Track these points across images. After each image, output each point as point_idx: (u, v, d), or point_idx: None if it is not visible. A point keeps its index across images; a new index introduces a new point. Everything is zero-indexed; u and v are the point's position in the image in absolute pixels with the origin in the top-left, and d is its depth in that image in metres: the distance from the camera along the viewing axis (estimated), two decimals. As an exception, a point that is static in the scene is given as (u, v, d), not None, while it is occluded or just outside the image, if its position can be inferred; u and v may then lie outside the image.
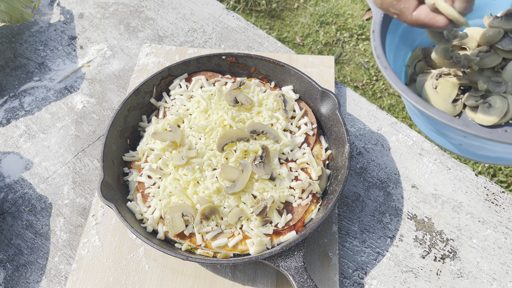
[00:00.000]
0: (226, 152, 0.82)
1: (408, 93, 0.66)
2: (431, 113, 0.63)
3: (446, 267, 0.80)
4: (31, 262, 0.82)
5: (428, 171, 0.91)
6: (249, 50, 1.12)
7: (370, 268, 0.80)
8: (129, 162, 0.86)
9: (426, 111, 0.63)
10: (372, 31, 0.73)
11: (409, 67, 0.85)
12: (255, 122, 0.85)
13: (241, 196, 0.78)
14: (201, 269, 0.79)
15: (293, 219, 0.78)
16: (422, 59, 0.86)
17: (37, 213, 0.88)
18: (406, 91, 0.66)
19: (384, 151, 0.94)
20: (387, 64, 0.69)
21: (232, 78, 0.96)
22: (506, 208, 0.86)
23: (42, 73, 1.09)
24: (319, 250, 0.80)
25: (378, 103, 2.07)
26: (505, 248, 0.82)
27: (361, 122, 0.98)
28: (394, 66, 0.79)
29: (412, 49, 0.87)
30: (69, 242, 0.84)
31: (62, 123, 1.00)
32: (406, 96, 0.66)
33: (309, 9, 2.45)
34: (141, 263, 0.80)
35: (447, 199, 0.87)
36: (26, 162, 0.95)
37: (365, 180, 0.90)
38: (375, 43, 0.71)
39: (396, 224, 0.85)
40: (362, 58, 2.23)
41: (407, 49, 0.86)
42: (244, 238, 0.76)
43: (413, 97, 0.65)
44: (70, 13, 1.21)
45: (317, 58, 1.06)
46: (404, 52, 0.85)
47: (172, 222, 0.76)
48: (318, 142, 0.88)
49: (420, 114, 0.73)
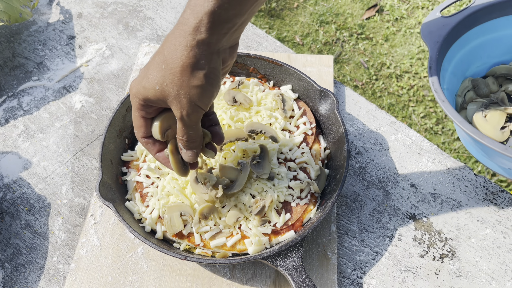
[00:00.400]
0: (224, 151, 0.82)
1: (465, 125, 0.76)
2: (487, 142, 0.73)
3: (445, 267, 0.80)
4: (30, 262, 0.82)
5: (427, 171, 0.91)
6: (248, 49, 1.12)
7: (368, 267, 0.80)
8: (128, 162, 0.86)
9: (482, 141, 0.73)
10: (429, 67, 0.82)
11: (459, 97, 0.97)
12: (254, 121, 0.85)
13: (240, 196, 0.78)
14: (200, 268, 0.79)
15: (291, 218, 0.78)
16: (471, 89, 0.97)
17: (35, 212, 0.88)
18: (463, 122, 0.77)
19: (383, 150, 0.94)
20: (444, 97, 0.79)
21: (230, 77, 0.96)
22: (505, 208, 0.86)
23: (40, 73, 1.09)
24: (318, 249, 0.80)
25: (378, 102, 2.07)
26: (504, 248, 0.81)
27: (360, 122, 0.98)
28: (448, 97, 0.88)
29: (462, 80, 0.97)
30: (67, 242, 0.84)
31: (61, 122, 1.00)
32: (463, 127, 0.76)
33: (308, 9, 2.45)
34: (139, 262, 0.80)
35: (446, 199, 0.87)
36: (25, 162, 0.95)
37: (364, 180, 0.90)
38: (433, 79, 0.81)
39: (395, 223, 0.85)
40: (362, 58, 2.23)
41: (458, 80, 0.96)
42: (243, 238, 0.76)
43: (469, 128, 0.75)
44: (69, 13, 1.21)
45: (316, 58, 1.06)
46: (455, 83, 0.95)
47: (170, 221, 0.75)
48: (317, 142, 0.88)
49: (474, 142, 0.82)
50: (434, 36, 0.87)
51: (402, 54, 2.23)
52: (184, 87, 0.56)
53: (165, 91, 0.57)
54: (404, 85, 2.11)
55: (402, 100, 2.07)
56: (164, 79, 0.56)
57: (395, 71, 2.17)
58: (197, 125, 0.62)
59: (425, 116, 2.00)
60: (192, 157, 0.65)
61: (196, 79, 0.56)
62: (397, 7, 2.43)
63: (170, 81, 0.56)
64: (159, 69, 0.56)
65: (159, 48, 0.58)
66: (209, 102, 0.60)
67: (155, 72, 0.57)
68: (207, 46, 0.55)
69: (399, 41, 2.28)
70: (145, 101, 0.60)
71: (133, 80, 0.61)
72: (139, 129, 0.65)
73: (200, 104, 0.58)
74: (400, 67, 2.18)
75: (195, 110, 0.59)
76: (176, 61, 0.55)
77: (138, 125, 0.65)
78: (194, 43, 0.54)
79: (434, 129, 1.96)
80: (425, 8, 2.41)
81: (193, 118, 0.60)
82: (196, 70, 0.55)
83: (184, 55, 0.54)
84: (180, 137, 0.63)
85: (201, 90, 0.57)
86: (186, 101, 0.57)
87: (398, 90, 2.10)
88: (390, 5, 2.44)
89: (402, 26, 2.34)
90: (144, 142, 0.67)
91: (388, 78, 2.15)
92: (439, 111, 2.01)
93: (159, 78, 0.56)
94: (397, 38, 2.29)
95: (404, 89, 2.10)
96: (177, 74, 0.55)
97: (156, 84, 0.57)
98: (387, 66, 2.19)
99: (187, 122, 0.60)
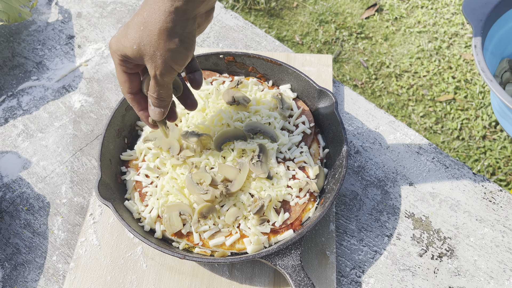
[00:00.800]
0: (223, 151, 0.82)
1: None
2: None
3: (444, 266, 0.80)
4: (29, 261, 0.83)
5: (426, 170, 0.91)
6: (247, 49, 1.12)
7: (367, 266, 0.80)
8: (127, 161, 0.86)
9: None
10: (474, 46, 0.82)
11: (497, 77, 0.96)
12: (253, 121, 0.85)
13: (239, 195, 0.78)
14: (199, 267, 0.79)
15: (290, 217, 0.78)
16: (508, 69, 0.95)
17: (35, 212, 0.88)
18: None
19: (382, 149, 0.94)
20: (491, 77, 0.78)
21: (229, 77, 0.96)
22: (503, 207, 0.86)
23: (40, 72, 1.09)
24: (317, 248, 0.80)
25: (377, 101, 2.07)
26: (503, 247, 0.82)
27: (359, 121, 0.98)
28: None
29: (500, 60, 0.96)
30: (67, 241, 0.84)
31: (60, 122, 1.00)
32: None
33: (308, 8, 2.45)
34: (138, 262, 0.80)
35: (445, 198, 0.87)
36: (24, 162, 0.95)
37: (362, 179, 0.90)
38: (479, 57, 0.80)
39: (394, 222, 0.85)
40: (361, 57, 2.23)
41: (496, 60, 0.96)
42: (242, 237, 0.76)
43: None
44: (68, 12, 1.21)
45: (315, 57, 1.06)
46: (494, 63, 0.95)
47: (169, 221, 0.76)
48: (316, 141, 0.88)
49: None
50: (477, 14, 0.86)
51: (402, 53, 2.23)
52: (160, 49, 0.60)
53: (142, 51, 0.61)
54: (403, 84, 2.11)
55: (402, 100, 2.07)
56: (142, 39, 0.60)
57: (394, 70, 2.17)
58: (169, 85, 0.66)
59: (425, 116, 2.00)
60: (159, 115, 0.70)
61: (172, 43, 0.60)
62: (397, 6, 2.43)
63: (148, 42, 0.60)
64: (138, 30, 0.60)
65: (139, 9, 0.62)
66: (183, 64, 0.64)
67: (133, 32, 0.60)
68: (183, 13, 0.58)
69: (398, 40, 2.28)
70: (124, 57, 0.64)
71: (113, 37, 0.64)
72: (124, 84, 0.68)
73: (174, 66, 0.62)
74: (400, 66, 2.18)
75: (169, 71, 0.63)
76: (154, 24, 0.59)
77: (122, 81, 0.68)
78: (172, 9, 0.58)
79: (433, 128, 1.96)
80: (425, 7, 2.41)
81: (165, 78, 0.64)
82: (172, 35, 0.59)
83: (162, 20, 0.58)
84: (151, 93, 0.67)
85: (176, 53, 0.61)
86: (161, 62, 0.61)
87: (398, 90, 2.10)
88: (390, 4, 2.44)
89: (402, 25, 2.34)
90: (129, 98, 0.70)
91: (387, 77, 2.15)
92: (438, 110, 2.01)
93: (137, 38, 0.60)
94: (397, 38, 2.29)
95: (403, 88, 2.10)
96: (154, 37, 0.59)
97: (134, 43, 0.60)
98: (386, 65, 2.19)
99: (160, 81, 0.64)
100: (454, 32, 2.29)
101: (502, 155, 1.85)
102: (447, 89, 2.07)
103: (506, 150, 1.85)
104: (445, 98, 2.04)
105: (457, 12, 2.37)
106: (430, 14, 2.38)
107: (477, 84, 2.07)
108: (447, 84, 2.09)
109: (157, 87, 0.65)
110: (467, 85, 2.08)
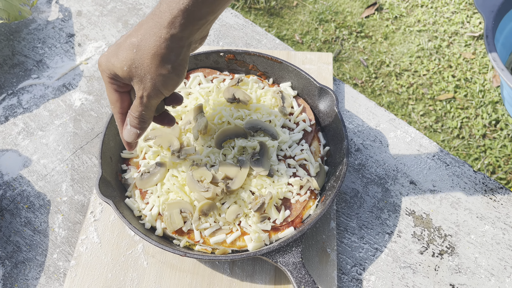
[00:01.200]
0: (224, 148, 0.82)
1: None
2: None
3: (444, 263, 0.80)
4: (30, 259, 0.82)
5: (427, 167, 0.91)
6: (247, 47, 1.12)
7: (368, 264, 0.80)
8: (127, 159, 0.86)
9: None
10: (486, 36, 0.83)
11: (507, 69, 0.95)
12: (253, 118, 0.85)
13: (239, 193, 0.78)
14: (200, 265, 0.79)
15: (291, 215, 0.78)
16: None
17: (35, 210, 0.88)
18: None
19: (383, 147, 0.94)
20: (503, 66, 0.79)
21: (230, 75, 0.96)
22: (504, 204, 0.86)
23: (40, 71, 1.09)
24: (317, 246, 0.80)
25: (377, 100, 2.07)
26: (503, 244, 0.82)
27: (359, 119, 0.98)
28: None
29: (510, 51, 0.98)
30: (67, 239, 0.84)
31: (60, 120, 1.00)
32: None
33: (308, 7, 2.45)
34: (139, 259, 0.80)
35: (445, 195, 0.87)
36: (25, 160, 0.95)
37: (363, 177, 0.90)
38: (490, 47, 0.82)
39: (394, 220, 0.85)
40: (361, 56, 2.23)
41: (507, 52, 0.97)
42: (242, 235, 0.76)
43: None
44: (68, 11, 1.21)
45: (315, 55, 1.06)
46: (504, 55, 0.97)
47: (170, 218, 0.76)
48: (316, 139, 0.88)
49: None
50: (488, 5, 0.88)
51: (402, 52, 2.23)
52: (152, 73, 0.60)
53: (133, 73, 0.61)
54: (403, 83, 2.11)
55: (402, 98, 2.07)
56: (133, 62, 0.60)
57: (394, 69, 2.17)
58: (153, 107, 0.66)
59: (425, 114, 2.00)
60: (133, 136, 0.68)
61: (164, 69, 0.60)
62: (397, 5, 2.43)
63: (139, 65, 0.60)
64: (130, 52, 0.60)
65: (132, 32, 0.61)
66: (172, 90, 0.64)
67: (125, 53, 0.60)
68: (179, 40, 0.59)
69: (398, 39, 2.28)
70: (113, 76, 0.64)
71: (102, 55, 0.64)
72: (115, 104, 0.67)
73: (163, 90, 0.63)
74: (400, 65, 2.18)
75: (156, 94, 0.63)
76: (148, 49, 0.59)
77: (113, 100, 0.67)
78: (168, 36, 0.58)
79: (433, 127, 1.96)
80: (425, 6, 2.41)
81: (152, 101, 0.64)
82: (166, 61, 0.59)
83: (156, 45, 0.58)
84: (132, 113, 0.66)
85: (167, 78, 0.61)
86: (151, 85, 0.61)
87: (398, 88, 2.10)
88: (390, 3, 2.44)
89: (402, 24, 2.34)
90: (119, 119, 0.69)
91: (387, 76, 2.15)
92: (438, 109, 2.01)
93: (128, 60, 0.60)
94: (397, 36, 2.29)
95: (403, 87, 2.10)
96: (147, 60, 0.59)
97: (125, 65, 0.61)
98: (386, 64, 2.19)
99: (146, 103, 0.64)
100: (454, 31, 2.29)
101: (502, 154, 1.85)
102: (447, 87, 2.07)
103: (506, 148, 1.85)
104: (445, 97, 2.04)
105: (457, 11, 2.37)
106: (430, 13, 2.38)
107: (477, 83, 2.07)
108: (447, 82, 2.09)
109: (140, 108, 0.64)
110: (467, 84, 2.08)
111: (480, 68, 2.13)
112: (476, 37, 2.25)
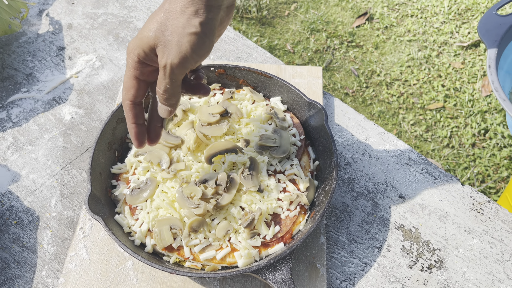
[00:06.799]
0: (214, 164, 0.82)
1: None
2: None
3: (433, 277, 0.81)
4: (18, 276, 0.82)
5: (415, 181, 0.92)
6: (238, 60, 1.12)
7: (358, 278, 0.81)
8: (117, 175, 0.86)
9: None
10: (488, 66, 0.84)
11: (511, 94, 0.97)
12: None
13: (229, 209, 0.78)
14: (189, 282, 0.79)
15: (281, 230, 0.78)
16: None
17: (24, 226, 0.87)
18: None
19: (372, 161, 0.95)
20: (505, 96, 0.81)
21: (220, 89, 0.96)
22: (491, 218, 0.87)
23: (30, 84, 1.08)
24: (307, 261, 0.81)
25: (368, 109, 2.08)
26: (491, 258, 0.82)
27: (349, 132, 0.99)
28: None
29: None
30: (56, 256, 0.84)
31: (50, 134, 1.00)
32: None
33: (299, 17, 2.46)
34: (129, 276, 0.79)
35: (434, 209, 0.88)
36: (14, 175, 0.94)
37: (353, 191, 0.91)
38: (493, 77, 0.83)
39: (384, 234, 0.85)
40: (352, 65, 2.25)
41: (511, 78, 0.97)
42: (232, 251, 0.76)
43: None
44: (58, 24, 1.21)
45: (305, 69, 1.06)
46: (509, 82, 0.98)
47: (160, 235, 0.75)
48: (306, 153, 0.89)
49: None
50: (491, 35, 0.90)
51: (392, 61, 2.25)
52: (178, 34, 0.57)
53: (158, 37, 0.58)
54: (394, 92, 2.13)
55: (392, 108, 2.09)
56: (160, 25, 0.58)
57: (385, 78, 2.19)
58: (178, 81, 0.60)
59: (415, 124, 2.02)
60: (166, 113, 0.64)
61: (192, 26, 0.57)
62: (387, 15, 2.45)
63: (166, 27, 0.57)
64: (159, 17, 0.58)
65: (159, 7, 0.60)
66: (198, 56, 0.59)
67: (154, 19, 0.59)
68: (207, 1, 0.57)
69: (389, 49, 2.31)
70: (140, 56, 0.60)
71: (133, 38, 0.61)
72: (129, 90, 0.64)
73: (189, 55, 0.58)
74: (390, 74, 2.20)
75: (181, 62, 0.58)
76: (176, 8, 0.57)
77: (129, 86, 0.64)
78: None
79: (423, 136, 1.97)
80: (414, 16, 2.44)
81: (175, 71, 0.59)
82: (194, 16, 0.57)
83: (184, 3, 0.57)
84: (158, 89, 0.62)
85: (195, 38, 0.57)
86: (176, 50, 0.57)
87: (388, 98, 2.12)
88: (380, 13, 2.46)
89: (392, 34, 2.37)
90: (128, 106, 0.65)
91: (378, 85, 2.17)
92: (428, 118, 2.03)
93: (156, 24, 0.58)
94: (387, 46, 2.32)
95: (394, 96, 2.12)
96: (175, 20, 0.57)
97: (151, 30, 0.58)
98: (377, 73, 2.21)
99: (169, 73, 0.59)
100: (443, 40, 2.31)
101: (491, 163, 1.87)
102: (437, 97, 2.10)
103: (495, 157, 1.88)
104: (435, 106, 2.07)
105: (446, 21, 2.40)
106: (419, 23, 2.40)
107: (466, 93, 2.10)
108: (436, 92, 2.12)
109: (164, 81, 0.60)
110: (456, 93, 2.11)
111: (469, 78, 2.16)
112: (465, 47, 2.28)
